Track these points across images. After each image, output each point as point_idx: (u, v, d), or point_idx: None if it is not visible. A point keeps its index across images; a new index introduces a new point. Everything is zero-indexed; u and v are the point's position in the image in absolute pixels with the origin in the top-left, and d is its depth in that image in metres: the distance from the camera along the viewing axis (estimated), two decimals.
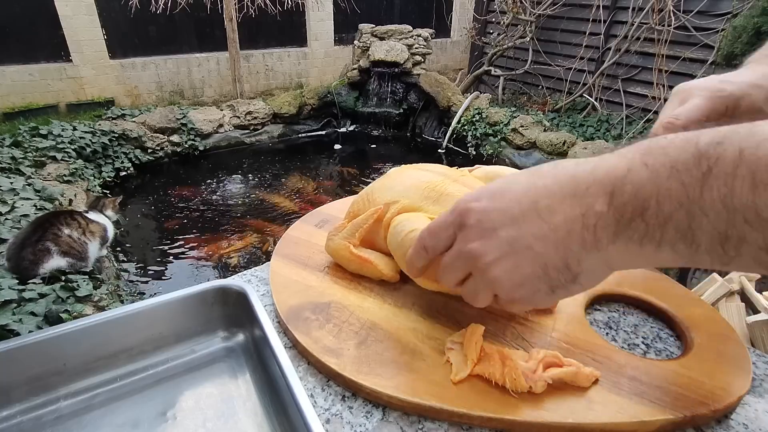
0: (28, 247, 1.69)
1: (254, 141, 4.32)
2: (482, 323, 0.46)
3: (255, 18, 4.65)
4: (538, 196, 0.32)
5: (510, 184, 0.34)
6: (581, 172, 0.31)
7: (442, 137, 4.55)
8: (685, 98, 0.47)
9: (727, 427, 0.38)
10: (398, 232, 0.46)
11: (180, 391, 0.44)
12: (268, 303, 0.52)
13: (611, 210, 0.29)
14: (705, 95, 0.46)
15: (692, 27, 3.76)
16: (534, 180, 0.33)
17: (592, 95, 4.53)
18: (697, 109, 0.45)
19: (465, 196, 0.36)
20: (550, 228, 0.31)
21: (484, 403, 0.37)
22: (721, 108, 0.45)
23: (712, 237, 0.25)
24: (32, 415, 0.41)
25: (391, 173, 0.56)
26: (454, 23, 6.85)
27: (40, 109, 4.13)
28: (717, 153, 0.25)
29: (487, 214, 0.33)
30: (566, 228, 0.30)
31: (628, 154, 0.29)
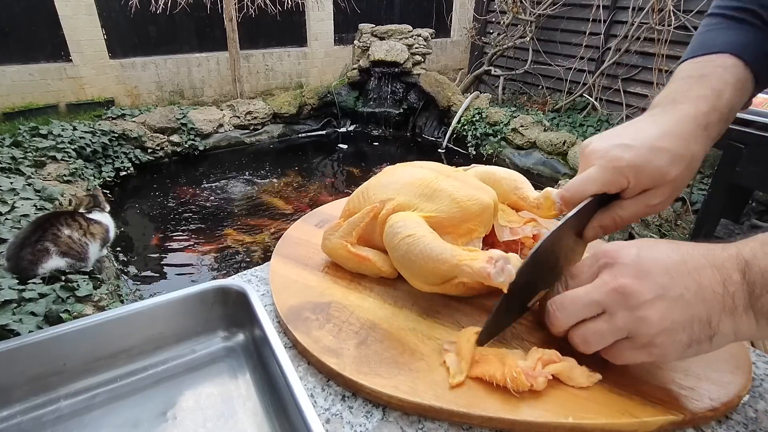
0: (27, 247, 1.69)
1: (254, 141, 4.32)
2: (481, 323, 0.46)
3: (255, 18, 4.65)
4: (685, 256, 0.34)
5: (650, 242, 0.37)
6: (714, 247, 0.35)
7: (442, 137, 4.55)
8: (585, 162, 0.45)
9: (727, 427, 0.38)
10: (393, 234, 0.46)
11: (180, 391, 0.44)
12: (268, 303, 0.52)
13: (744, 284, 0.32)
14: (601, 164, 0.43)
15: (692, 27, 3.76)
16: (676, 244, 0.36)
17: (592, 95, 4.53)
18: (592, 181, 0.43)
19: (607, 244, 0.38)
20: (699, 285, 0.33)
21: (484, 403, 0.37)
22: (620, 180, 0.42)
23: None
24: (32, 415, 0.41)
25: (386, 171, 0.56)
26: (454, 23, 6.85)
27: (40, 109, 4.13)
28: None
29: (642, 258, 0.35)
30: (711, 288, 0.33)
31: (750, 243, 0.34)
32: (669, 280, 0.33)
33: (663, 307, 0.33)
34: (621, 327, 0.34)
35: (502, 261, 0.39)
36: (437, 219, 0.47)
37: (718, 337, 0.33)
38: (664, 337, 0.33)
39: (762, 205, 2.59)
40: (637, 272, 0.34)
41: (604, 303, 0.35)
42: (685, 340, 0.33)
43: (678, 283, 0.33)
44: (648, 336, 0.34)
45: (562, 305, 0.38)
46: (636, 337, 0.34)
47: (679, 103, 0.45)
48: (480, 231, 0.49)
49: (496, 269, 0.38)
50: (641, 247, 0.36)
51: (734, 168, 1.45)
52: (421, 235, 0.44)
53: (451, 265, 0.42)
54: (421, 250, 0.43)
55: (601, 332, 0.36)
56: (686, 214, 2.95)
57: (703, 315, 0.33)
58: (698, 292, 0.33)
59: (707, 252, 0.34)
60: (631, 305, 0.34)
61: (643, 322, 0.33)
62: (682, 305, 0.33)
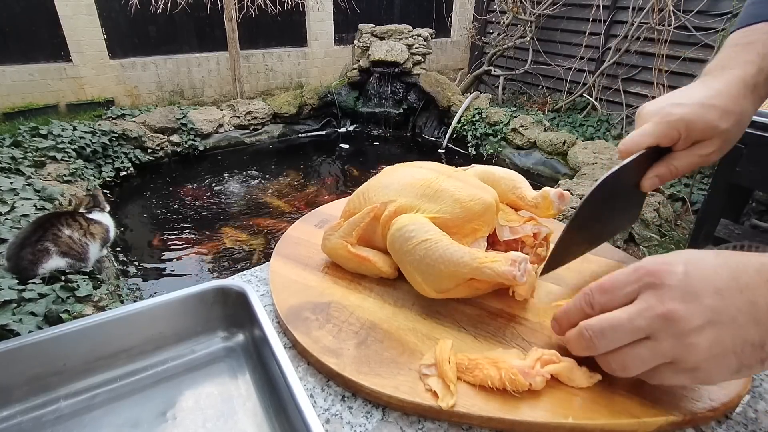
0: (27, 247, 1.69)
1: (254, 141, 4.32)
2: (481, 323, 0.46)
3: (255, 18, 4.65)
4: (736, 272, 0.32)
5: (697, 255, 0.33)
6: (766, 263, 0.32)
7: (442, 137, 4.55)
8: (641, 123, 0.48)
9: (727, 427, 0.38)
10: (406, 239, 0.46)
11: (180, 391, 0.44)
12: (267, 303, 0.52)
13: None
14: (655, 121, 0.46)
15: (692, 27, 3.76)
16: (725, 257, 0.33)
17: (592, 95, 4.53)
18: (647, 135, 0.46)
19: (649, 259, 0.34)
20: (754, 306, 0.30)
21: (484, 403, 0.37)
22: (672, 133, 0.45)
23: None
24: (32, 415, 0.41)
25: (386, 171, 0.56)
26: (454, 23, 6.85)
27: (40, 109, 4.13)
28: None
29: (689, 277, 0.32)
30: (766, 308, 0.30)
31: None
32: (720, 302, 0.31)
33: (713, 333, 0.31)
34: (666, 354, 0.32)
35: (524, 263, 0.41)
36: (441, 220, 0.47)
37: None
38: (712, 362, 0.31)
39: (762, 205, 2.59)
40: (685, 295, 0.31)
41: (650, 330, 0.32)
42: (734, 365, 0.31)
43: (730, 305, 0.31)
44: (694, 362, 0.31)
45: (602, 333, 0.34)
46: (681, 363, 0.32)
47: (728, 68, 0.48)
48: (484, 230, 0.49)
49: (520, 271, 0.41)
50: (688, 263, 0.33)
51: (734, 168, 1.45)
52: (437, 239, 0.44)
53: (472, 268, 0.42)
54: (440, 255, 0.43)
55: (643, 358, 0.33)
56: (686, 214, 2.95)
57: (756, 338, 0.30)
58: (751, 313, 0.30)
59: (761, 266, 0.31)
60: (680, 332, 0.31)
61: (692, 349, 0.31)
62: (734, 329, 0.30)
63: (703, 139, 0.46)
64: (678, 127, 0.45)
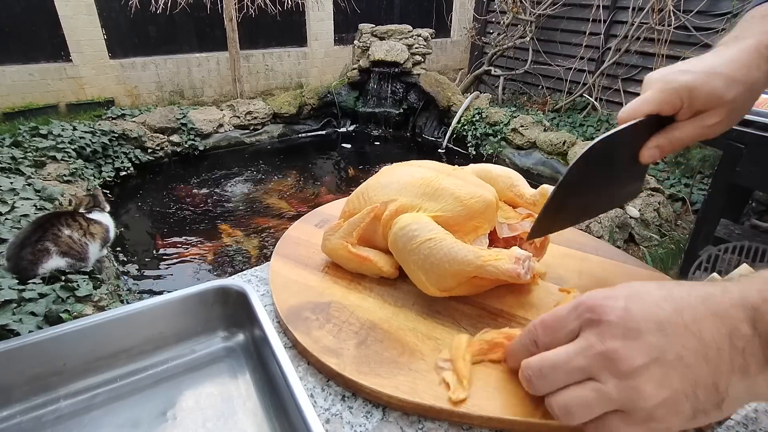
0: (27, 247, 1.69)
1: (254, 141, 4.32)
2: (481, 322, 0.46)
3: (255, 18, 4.66)
4: (680, 305, 0.29)
5: (639, 288, 0.31)
6: (714, 292, 0.29)
7: (442, 137, 4.55)
8: (644, 90, 0.46)
9: (727, 427, 0.38)
10: (409, 238, 0.46)
11: (180, 391, 0.44)
12: (268, 303, 0.52)
13: (756, 336, 0.27)
14: (657, 87, 0.44)
15: (692, 27, 3.76)
16: (668, 289, 0.31)
17: (592, 95, 4.53)
18: (647, 102, 0.44)
19: (590, 294, 0.32)
20: (701, 343, 0.28)
21: (484, 403, 0.37)
22: (673, 100, 0.43)
23: None
24: (32, 415, 0.41)
25: (384, 171, 0.56)
26: (454, 23, 6.85)
27: (40, 109, 4.13)
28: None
29: (630, 313, 0.29)
30: (716, 346, 0.28)
31: (756, 284, 0.29)
32: (663, 339, 0.28)
33: (659, 373, 0.28)
34: (612, 398, 0.29)
35: (528, 261, 0.41)
36: (443, 218, 0.47)
37: (728, 402, 0.28)
38: (664, 409, 0.28)
39: (762, 205, 2.59)
40: (626, 332, 0.29)
41: (591, 370, 0.30)
42: (689, 411, 0.28)
43: (674, 342, 0.28)
44: (645, 410, 0.28)
45: (540, 373, 0.32)
46: (631, 412, 0.29)
47: (742, 38, 0.46)
48: (485, 227, 0.49)
49: (524, 269, 0.41)
50: (629, 298, 0.30)
51: (734, 168, 1.45)
52: (441, 238, 0.44)
53: (476, 266, 0.43)
54: (445, 254, 0.43)
55: (587, 402, 0.30)
56: (686, 214, 2.95)
57: (707, 379, 0.28)
58: (699, 350, 0.28)
59: (706, 297, 0.29)
60: (623, 372, 0.28)
61: (638, 393, 0.28)
62: (682, 370, 0.28)
63: (708, 109, 0.43)
64: (680, 94, 0.43)
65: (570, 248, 0.61)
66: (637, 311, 0.29)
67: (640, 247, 2.56)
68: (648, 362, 0.28)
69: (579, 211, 0.50)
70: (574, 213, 0.50)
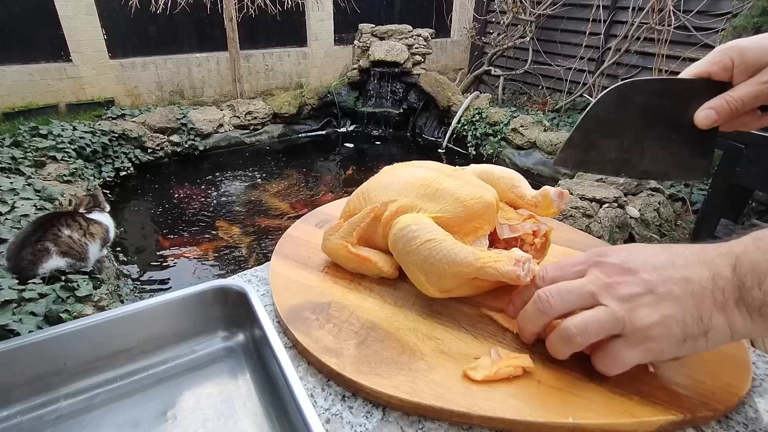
0: (27, 247, 1.69)
1: (254, 141, 4.32)
2: (481, 322, 0.46)
3: (255, 18, 4.66)
4: (673, 255, 0.36)
5: (640, 245, 0.38)
6: (707, 246, 0.36)
7: (442, 137, 4.55)
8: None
9: (727, 427, 0.38)
10: (409, 239, 0.46)
11: (180, 391, 0.44)
12: (268, 303, 0.52)
13: (735, 278, 0.33)
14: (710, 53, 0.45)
15: (692, 27, 3.76)
16: (666, 247, 0.37)
17: (592, 95, 4.53)
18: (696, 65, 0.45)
19: (598, 248, 0.39)
20: (688, 282, 0.34)
21: (484, 403, 0.37)
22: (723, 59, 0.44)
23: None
24: (32, 415, 0.41)
25: (385, 171, 0.56)
26: (454, 23, 6.85)
27: (40, 109, 4.13)
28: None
29: (628, 258, 0.37)
30: (701, 284, 0.33)
31: (743, 240, 0.34)
32: (656, 277, 0.35)
33: (652, 300, 0.34)
34: (617, 316, 0.35)
35: (528, 263, 0.42)
36: (443, 219, 0.47)
37: (713, 333, 0.33)
38: (658, 329, 0.34)
39: (762, 205, 2.59)
40: (625, 270, 0.36)
41: (598, 295, 0.36)
42: (679, 334, 0.33)
43: (666, 279, 0.34)
44: (642, 330, 0.34)
45: (558, 293, 0.38)
46: (631, 333, 0.35)
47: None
48: (485, 229, 0.49)
49: (524, 271, 0.41)
50: (630, 250, 0.38)
51: (734, 168, 1.45)
52: (441, 239, 0.44)
53: (475, 268, 0.42)
54: (445, 255, 0.43)
55: (599, 319, 0.35)
56: (686, 214, 2.95)
57: (693, 310, 0.33)
58: (686, 287, 0.34)
59: (698, 251, 0.35)
60: (623, 296, 0.35)
61: (635, 314, 0.34)
62: (671, 300, 0.34)
63: (763, 65, 0.43)
64: (728, 53, 0.43)
65: (570, 248, 0.61)
66: (634, 258, 0.37)
67: None
68: (642, 292, 0.35)
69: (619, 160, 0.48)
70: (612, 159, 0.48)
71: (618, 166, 0.49)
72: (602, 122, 0.44)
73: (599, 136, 0.45)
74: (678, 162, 0.49)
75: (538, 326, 0.40)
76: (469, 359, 0.41)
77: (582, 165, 0.48)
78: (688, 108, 0.44)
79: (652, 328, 0.34)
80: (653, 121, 0.45)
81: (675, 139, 0.47)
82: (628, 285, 0.35)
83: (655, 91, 0.43)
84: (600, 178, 2.93)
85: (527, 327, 0.41)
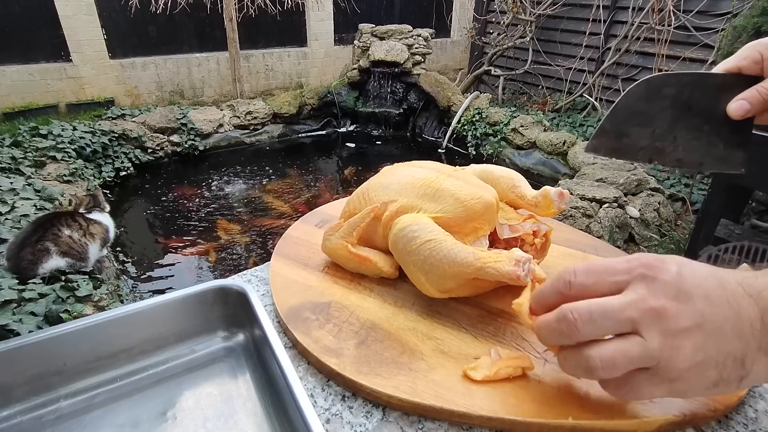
0: (27, 247, 1.69)
1: (254, 141, 4.32)
2: (481, 322, 0.46)
3: (255, 18, 4.66)
4: (723, 282, 0.30)
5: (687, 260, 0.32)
6: (748, 276, 0.31)
7: (442, 137, 4.55)
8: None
9: (727, 427, 0.38)
10: (410, 239, 0.46)
11: (180, 391, 0.44)
12: (268, 303, 0.52)
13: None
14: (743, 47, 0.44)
15: (692, 27, 3.76)
16: (710, 267, 0.32)
17: (592, 95, 4.53)
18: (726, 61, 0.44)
19: (643, 256, 0.32)
20: (738, 318, 0.29)
21: (484, 403, 0.37)
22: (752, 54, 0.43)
23: None
24: (32, 415, 0.41)
25: (385, 171, 0.56)
26: (454, 23, 6.85)
27: (40, 109, 4.13)
28: None
29: (684, 277, 0.30)
30: (750, 323, 0.29)
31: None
32: (709, 308, 0.29)
33: (700, 338, 0.29)
34: (654, 355, 0.29)
35: (528, 263, 0.41)
36: (443, 219, 0.47)
37: (749, 378, 0.30)
38: (694, 372, 0.29)
39: (762, 205, 2.59)
40: (679, 293, 0.30)
41: (639, 322, 0.30)
42: (714, 377, 0.29)
43: (718, 313, 0.29)
44: (677, 370, 0.29)
45: (590, 316, 0.31)
46: (662, 370, 0.30)
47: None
48: (485, 229, 0.49)
49: (524, 271, 0.41)
50: (682, 265, 0.31)
51: None
52: (441, 239, 0.44)
53: (476, 269, 0.42)
54: (445, 255, 0.43)
55: (631, 356, 0.30)
56: (686, 214, 2.95)
57: (738, 352, 0.29)
58: (736, 325, 0.29)
59: (743, 279, 0.31)
60: (669, 330, 0.29)
61: (677, 353, 0.29)
62: (719, 338, 0.29)
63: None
64: (757, 47, 0.43)
65: (570, 248, 0.61)
66: (688, 278, 0.30)
67: (640, 247, 2.56)
68: (692, 326, 0.29)
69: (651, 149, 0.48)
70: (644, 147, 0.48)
71: (650, 154, 0.49)
72: (633, 112, 0.44)
73: (630, 124, 0.45)
74: (712, 153, 0.49)
75: (557, 344, 0.34)
76: (469, 359, 0.41)
77: (614, 152, 0.48)
78: (720, 100, 0.45)
79: (690, 369, 0.29)
80: (684, 113, 0.46)
81: (708, 131, 0.47)
82: (678, 315, 0.29)
83: (686, 84, 0.44)
84: (600, 178, 2.93)
85: (545, 340, 0.35)
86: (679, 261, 0.32)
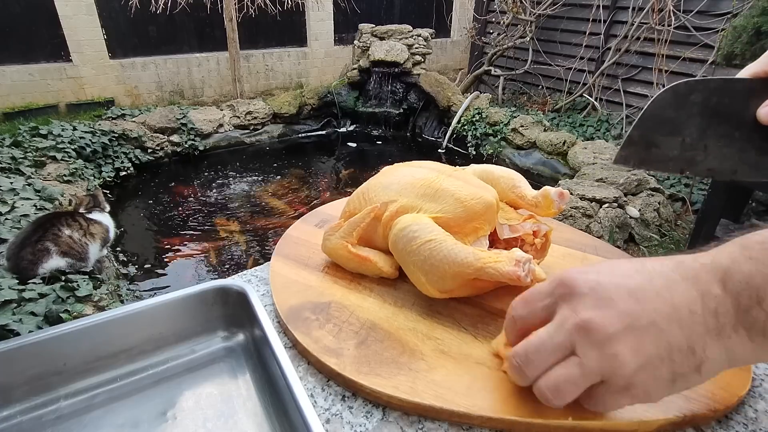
0: (27, 246, 1.69)
1: (254, 141, 4.32)
2: (481, 322, 0.46)
3: (255, 18, 4.66)
4: (650, 274, 0.30)
5: (612, 263, 0.32)
6: (684, 258, 0.30)
7: (442, 137, 4.55)
8: None
9: (727, 427, 0.38)
10: (410, 239, 0.46)
11: (180, 391, 0.44)
12: (268, 303, 0.52)
13: (728, 296, 0.28)
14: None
15: (692, 27, 3.76)
16: (640, 262, 0.31)
17: (592, 95, 4.53)
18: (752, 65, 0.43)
19: (564, 271, 0.32)
20: (672, 306, 0.28)
21: (484, 403, 0.37)
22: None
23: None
24: (32, 415, 0.41)
25: (385, 171, 0.56)
26: (454, 23, 6.85)
27: (40, 109, 4.13)
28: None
29: (601, 284, 0.30)
30: (688, 308, 0.28)
31: (727, 248, 0.29)
32: (635, 306, 0.29)
33: (633, 339, 0.28)
34: (594, 370, 0.29)
35: (528, 263, 0.41)
36: (443, 219, 0.47)
37: (707, 365, 0.28)
38: (643, 374, 0.28)
39: (762, 205, 2.59)
40: (598, 301, 0.29)
41: (571, 343, 0.30)
42: (667, 374, 0.28)
43: (646, 308, 0.28)
44: (624, 377, 0.29)
45: (527, 359, 0.32)
46: (611, 380, 0.29)
47: None
48: (485, 229, 0.49)
49: (525, 272, 0.40)
50: (600, 272, 0.31)
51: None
52: (442, 239, 0.44)
53: (476, 269, 0.42)
54: (445, 255, 0.43)
55: (573, 379, 0.30)
56: (686, 214, 2.95)
57: (682, 342, 0.28)
58: (672, 314, 0.28)
59: (677, 265, 0.30)
60: (599, 341, 0.29)
61: (616, 361, 0.28)
62: (655, 334, 0.28)
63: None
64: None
65: (570, 248, 0.61)
66: (607, 282, 0.30)
67: (640, 247, 2.56)
68: (621, 329, 0.28)
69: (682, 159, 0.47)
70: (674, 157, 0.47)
71: (682, 165, 0.47)
72: (661, 120, 0.43)
73: (659, 134, 0.44)
74: (745, 160, 0.48)
75: (525, 384, 0.35)
76: (469, 359, 0.41)
77: (644, 163, 0.46)
78: (749, 106, 0.44)
79: (635, 374, 0.28)
80: (713, 119, 0.45)
81: (739, 137, 0.46)
82: (603, 323, 0.29)
83: (713, 90, 0.43)
84: (600, 178, 2.93)
85: (517, 382, 0.36)
86: (599, 268, 0.32)
